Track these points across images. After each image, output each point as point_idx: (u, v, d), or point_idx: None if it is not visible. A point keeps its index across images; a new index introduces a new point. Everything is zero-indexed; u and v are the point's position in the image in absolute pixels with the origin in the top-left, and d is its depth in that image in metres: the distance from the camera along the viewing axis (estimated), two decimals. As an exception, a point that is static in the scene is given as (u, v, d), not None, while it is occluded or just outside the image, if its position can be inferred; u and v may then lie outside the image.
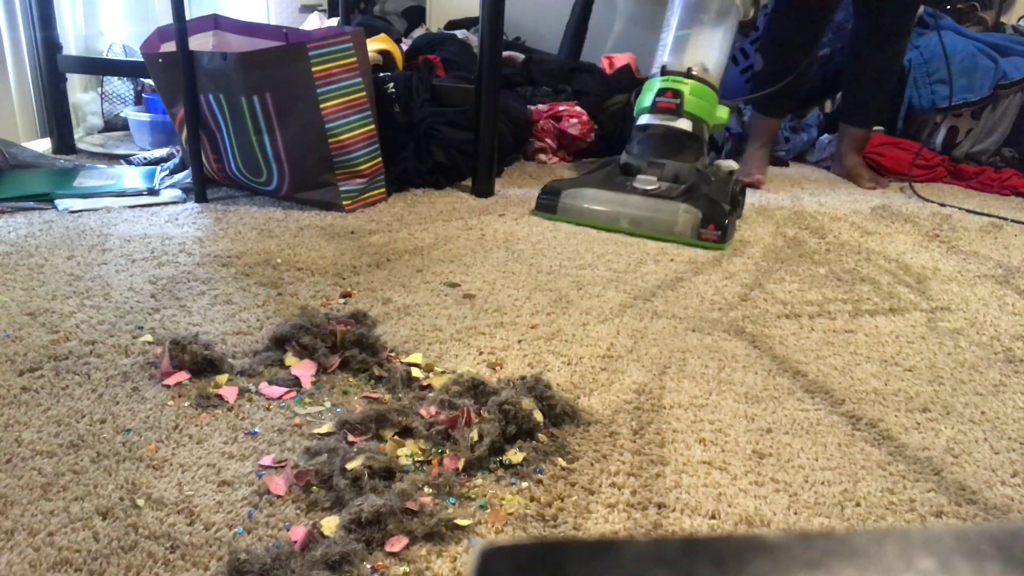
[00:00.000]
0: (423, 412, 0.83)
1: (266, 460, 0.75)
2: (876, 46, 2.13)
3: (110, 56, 2.39)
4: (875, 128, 2.54)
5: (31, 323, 1.02)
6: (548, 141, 2.22)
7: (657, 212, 1.56)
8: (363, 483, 0.69)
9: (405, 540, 0.64)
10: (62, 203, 1.56)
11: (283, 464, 0.75)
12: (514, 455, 0.77)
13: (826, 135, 2.55)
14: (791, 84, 2.16)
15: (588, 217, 1.61)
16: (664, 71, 1.72)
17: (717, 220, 1.51)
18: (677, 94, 1.66)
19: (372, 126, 1.66)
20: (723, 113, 1.74)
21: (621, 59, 2.60)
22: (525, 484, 0.74)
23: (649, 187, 1.60)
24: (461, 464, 0.75)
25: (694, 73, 1.69)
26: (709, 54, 1.72)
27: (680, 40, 1.74)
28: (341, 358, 0.94)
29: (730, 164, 1.77)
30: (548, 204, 1.66)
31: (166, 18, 1.60)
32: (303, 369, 0.92)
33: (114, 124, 2.34)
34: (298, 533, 0.64)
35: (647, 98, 1.71)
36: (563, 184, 1.68)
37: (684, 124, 1.66)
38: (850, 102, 2.28)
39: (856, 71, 2.20)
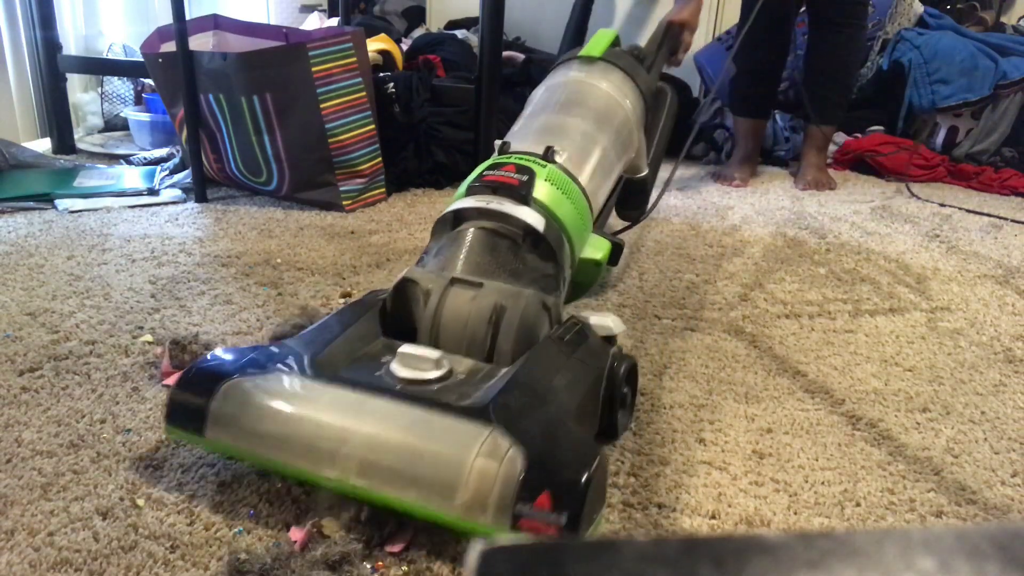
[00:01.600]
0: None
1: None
2: (826, 37, 2.04)
3: (110, 56, 2.39)
4: (874, 128, 2.54)
5: (31, 323, 1.02)
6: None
7: (418, 454, 0.63)
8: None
9: (406, 540, 0.64)
10: (62, 203, 1.56)
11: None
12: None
13: (826, 135, 2.55)
14: (767, 83, 2.14)
15: (266, 449, 0.67)
16: (504, 150, 0.95)
17: (560, 482, 0.59)
18: (524, 170, 0.88)
19: (372, 126, 1.66)
20: (600, 248, 0.93)
21: (621, 59, 2.60)
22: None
23: (426, 375, 0.70)
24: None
25: (556, 158, 0.92)
26: (581, 155, 0.97)
27: (541, 125, 1.02)
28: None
29: (606, 322, 0.84)
30: (188, 416, 0.69)
31: (166, 18, 1.61)
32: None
33: (114, 124, 2.34)
34: (297, 534, 0.64)
35: (471, 178, 0.91)
36: (238, 355, 0.72)
37: (532, 217, 0.84)
38: (811, 98, 2.14)
39: (810, 65, 2.11)
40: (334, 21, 2.48)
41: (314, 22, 2.56)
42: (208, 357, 0.72)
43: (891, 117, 2.54)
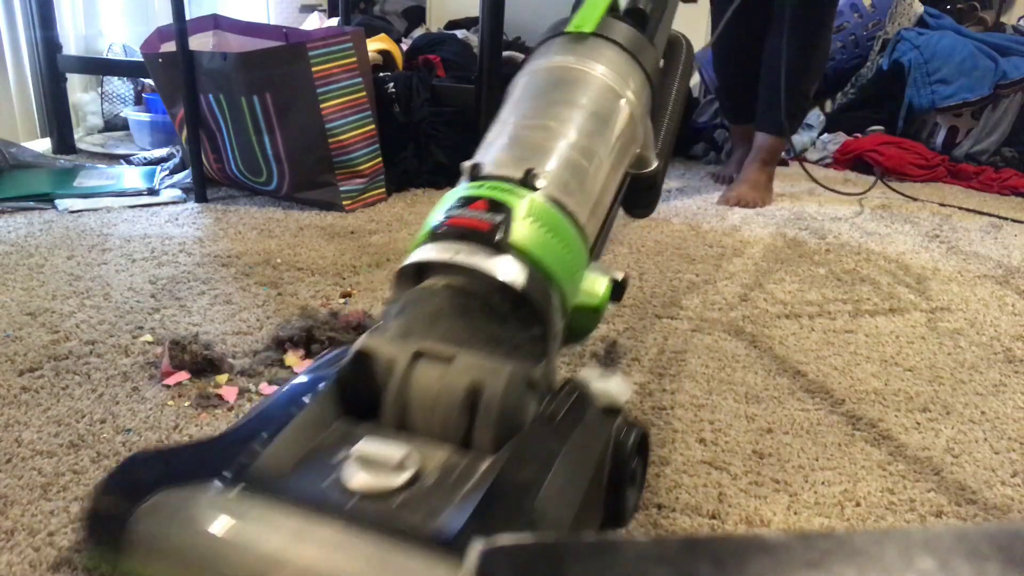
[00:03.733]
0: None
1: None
2: (789, 38, 1.81)
3: (110, 56, 2.39)
4: (874, 128, 2.54)
5: (31, 323, 1.02)
6: (548, 141, 2.22)
7: None
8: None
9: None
10: (62, 203, 1.56)
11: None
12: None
13: (826, 134, 2.55)
14: (752, 90, 1.99)
15: None
16: (478, 175, 0.75)
17: None
18: (498, 206, 0.69)
19: (372, 126, 1.66)
20: (597, 289, 0.75)
21: (621, 59, 2.60)
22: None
23: (386, 482, 0.54)
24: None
25: (538, 183, 0.72)
26: (572, 173, 0.76)
27: (514, 138, 0.82)
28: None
29: (608, 388, 0.68)
30: (104, 533, 0.52)
31: (166, 18, 1.61)
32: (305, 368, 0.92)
33: (114, 124, 2.34)
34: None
35: (437, 213, 0.73)
36: (155, 465, 0.56)
37: (509, 270, 0.66)
38: (761, 103, 1.95)
39: (768, 67, 1.90)
40: (334, 21, 2.48)
41: (314, 22, 2.56)
42: (130, 460, 0.57)
43: (891, 117, 2.54)
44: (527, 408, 0.62)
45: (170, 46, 1.60)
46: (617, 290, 0.78)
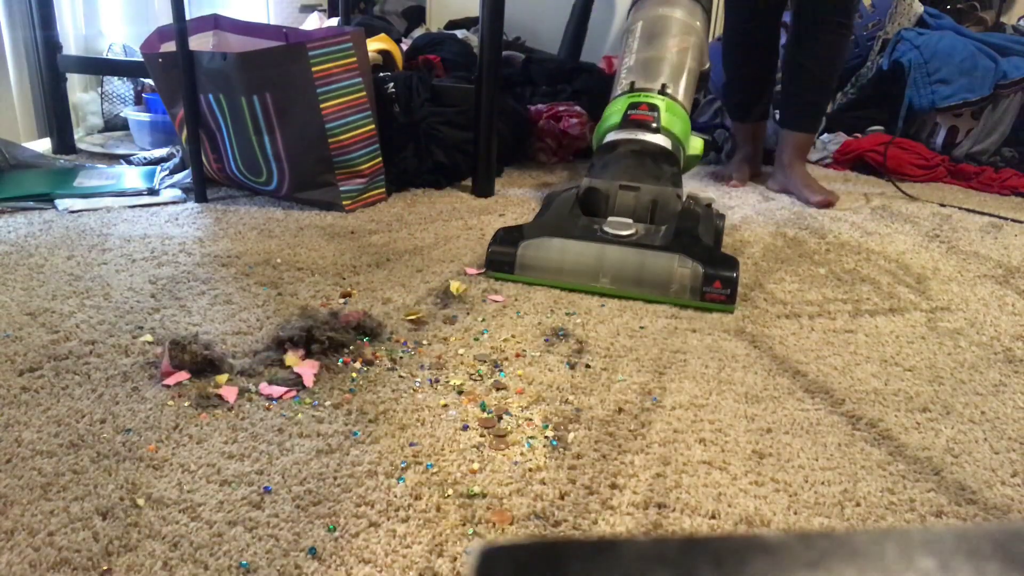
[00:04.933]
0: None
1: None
2: (813, 35, 1.88)
3: (110, 56, 2.39)
4: (874, 128, 2.54)
5: (31, 323, 1.02)
6: (548, 141, 2.22)
7: (645, 268, 1.22)
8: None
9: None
10: (62, 203, 1.56)
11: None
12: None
13: (826, 134, 2.55)
14: (759, 87, 2.06)
15: (557, 277, 1.25)
16: (633, 88, 1.51)
17: (723, 276, 1.19)
18: (653, 108, 1.45)
19: (372, 126, 1.66)
20: (698, 145, 1.54)
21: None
22: (528, 485, 0.74)
23: (625, 231, 1.28)
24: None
25: (668, 92, 1.50)
26: (679, 79, 1.55)
27: (647, 62, 1.57)
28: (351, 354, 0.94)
29: (707, 196, 1.50)
30: (503, 260, 1.27)
31: (166, 18, 1.61)
32: (306, 368, 0.92)
33: (114, 124, 2.34)
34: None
35: (614, 115, 1.48)
36: (519, 231, 1.31)
37: (663, 141, 1.42)
38: (793, 103, 1.99)
39: (797, 68, 1.94)
40: (334, 21, 2.48)
41: (314, 22, 2.56)
42: (499, 232, 1.31)
43: (891, 117, 2.54)
44: (678, 206, 1.35)
45: (170, 46, 1.60)
46: (707, 146, 1.60)
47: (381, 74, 1.77)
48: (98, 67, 2.29)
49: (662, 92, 1.48)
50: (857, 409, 0.92)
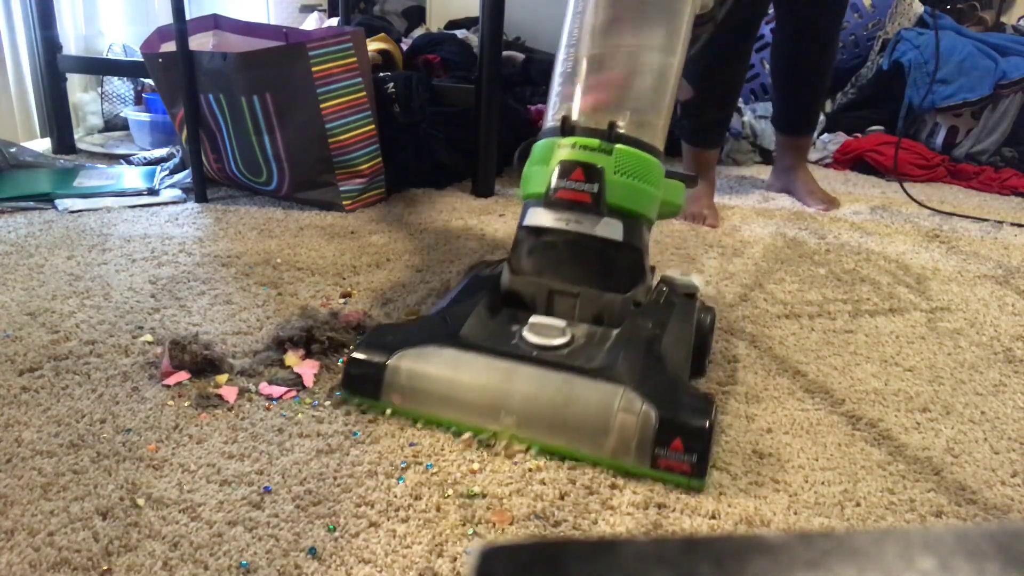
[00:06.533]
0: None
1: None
2: (813, 43, 1.79)
3: (110, 56, 2.39)
4: (874, 128, 2.54)
5: (31, 323, 1.02)
6: (548, 141, 2.22)
7: (570, 407, 0.78)
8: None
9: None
10: (62, 203, 1.56)
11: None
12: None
13: (826, 134, 2.55)
14: (729, 107, 1.84)
15: (440, 410, 0.82)
16: (567, 127, 0.92)
17: (688, 429, 0.74)
18: (593, 174, 0.89)
19: (372, 126, 1.66)
20: (675, 192, 0.96)
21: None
22: (528, 485, 0.74)
23: (554, 341, 0.85)
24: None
25: (621, 130, 0.91)
26: (645, 81, 0.95)
27: (595, 64, 0.96)
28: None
29: (689, 281, 0.99)
30: (364, 377, 0.84)
31: (166, 18, 1.61)
32: (306, 368, 0.92)
33: (114, 124, 2.34)
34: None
35: (539, 177, 0.92)
36: (398, 333, 0.87)
37: (609, 229, 0.89)
38: (792, 107, 1.91)
39: (794, 73, 1.86)
40: (334, 21, 2.48)
41: (314, 22, 2.56)
42: (370, 333, 0.89)
43: (891, 117, 2.54)
44: (635, 299, 0.90)
45: (170, 46, 1.60)
46: (691, 183, 0.99)
47: (381, 74, 1.77)
48: (98, 67, 2.29)
49: (611, 136, 0.89)
50: (857, 409, 0.92)
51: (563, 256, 0.91)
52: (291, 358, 0.94)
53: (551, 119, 0.96)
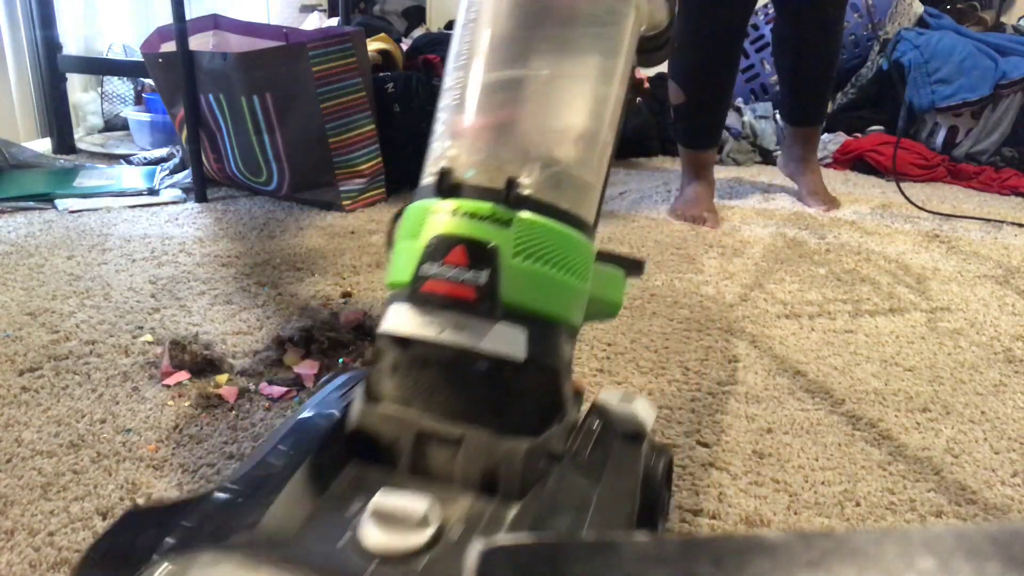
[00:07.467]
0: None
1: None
2: (819, 32, 1.74)
3: (110, 56, 2.39)
4: (874, 128, 2.54)
5: (31, 323, 1.02)
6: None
7: None
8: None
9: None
10: (62, 203, 1.56)
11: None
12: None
13: (826, 134, 2.55)
14: (723, 107, 1.80)
15: None
16: (446, 185, 0.57)
17: None
18: (481, 257, 0.53)
19: (372, 126, 1.66)
20: (610, 287, 0.63)
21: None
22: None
23: (408, 542, 0.44)
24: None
25: (527, 190, 0.55)
26: (567, 120, 0.60)
27: (491, 96, 0.60)
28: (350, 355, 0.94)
29: (630, 413, 0.62)
30: None
31: (166, 18, 1.61)
32: (306, 368, 0.92)
33: (114, 124, 2.34)
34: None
35: (404, 259, 0.56)
36: (150, 527, 0.46)
37: (505, 341, 0.53)
38: (801, 99, 1.87)
39: (800, 65, 1.81)
40: (334, 21, 2.48)
41: (314, 22, 2.56)
42: (122, 519, 0.48)
43: (891, 117, 2.54)
44: (549, 449, 0.55)
45: (170, 46, 1.60)
46: (637, 270, 0.68)
47: (381, 74, 1.77)
48: (98, 67, 2.29)
49: (510, 198, 0.55)
50: (857, 409, 0.92)
51: (437, 381, 0.55)
52: (291, 358, 0.94)
53: (428, 174, 0.62)
